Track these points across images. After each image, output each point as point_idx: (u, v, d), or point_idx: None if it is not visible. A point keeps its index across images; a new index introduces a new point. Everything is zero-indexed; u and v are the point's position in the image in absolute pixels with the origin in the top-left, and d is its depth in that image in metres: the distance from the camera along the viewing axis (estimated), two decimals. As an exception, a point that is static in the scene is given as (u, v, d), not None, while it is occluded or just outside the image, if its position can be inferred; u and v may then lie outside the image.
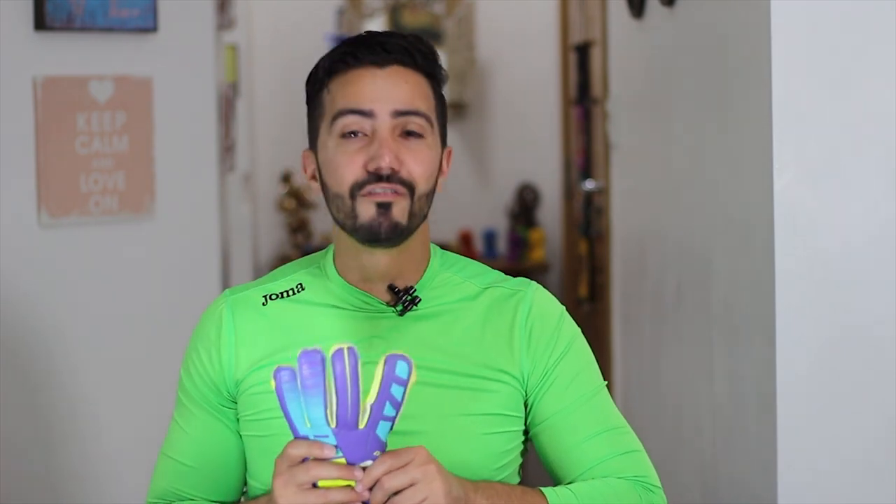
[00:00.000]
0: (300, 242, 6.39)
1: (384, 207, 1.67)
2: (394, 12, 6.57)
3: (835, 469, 2.22)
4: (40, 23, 2.88)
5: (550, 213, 6.47)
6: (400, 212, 1.68)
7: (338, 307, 1.74)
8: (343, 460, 1.55)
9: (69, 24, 2.92)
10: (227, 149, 4.59)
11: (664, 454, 2.97)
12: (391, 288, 1.74)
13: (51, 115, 2.93)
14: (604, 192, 4.49)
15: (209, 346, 1.77)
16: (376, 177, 1.66)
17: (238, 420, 1.77)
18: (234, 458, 1.79)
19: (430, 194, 1.72)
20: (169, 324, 3.11)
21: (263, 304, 1.77)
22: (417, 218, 1.70)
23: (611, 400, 1.81)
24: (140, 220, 3.09)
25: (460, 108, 6.51)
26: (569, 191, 6.08)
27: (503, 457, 1.75)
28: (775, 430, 2.21)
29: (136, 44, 3.06)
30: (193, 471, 1.78)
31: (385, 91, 1.68)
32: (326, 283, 1.76)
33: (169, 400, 1.90)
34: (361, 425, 1.55)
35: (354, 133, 1.68)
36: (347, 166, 1.67)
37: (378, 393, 1.56)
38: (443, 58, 7.25)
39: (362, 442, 1.55)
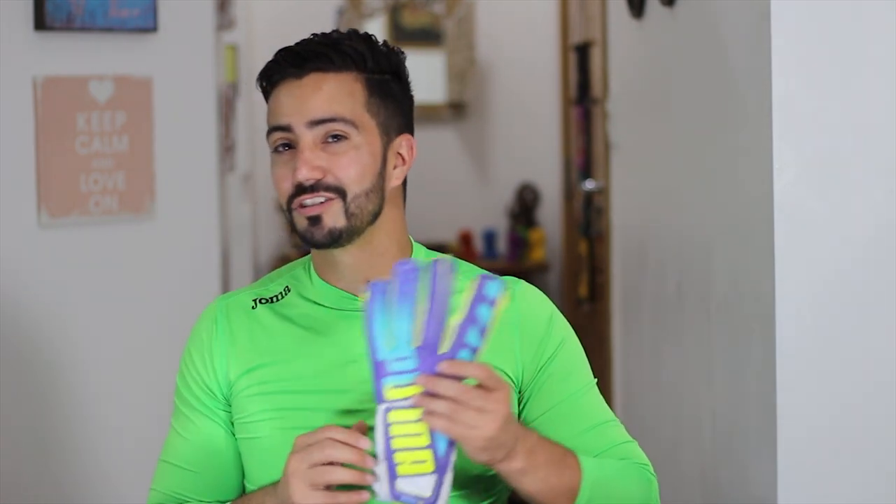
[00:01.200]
0: (300, 242, 6.38)
1: (313, 220, 1.71)
2: (394, 12, 6.57)
3: (835, 469, 2.22)
4: (40, 23, 2.88)
5: (550, 213, 6.47)
6: (332, 218, 1.70)
7: (323, 306, 1.76)
8: (419, 388, 1.53)
9: (69, 24, 2.91)
10: (227, 149, 4.59)
11: (664, 454, 2.97)
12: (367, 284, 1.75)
13: (51, 115, 2.93)
14: (604, 192, 4.49)
15: (202, 350, 1.79)
16: (302, 188, 1.70)
17: (232, 423, 1.78)
18: (232, 461, 1.80)
19: (372, 192, 1.72)
20: (169, 324, 3.10)
21: (253, 307, 1.80)
22: (359, 217, 1.71)
23: (600, 396, 1.82)
24: (140, 220, 3.09)
25: (460, 108, 6.51)
26: (569, 191, 6.08)
27: None
28: (775, 430, 2.21)
29: (136, 44, 3.06)
30: (195, 475, 1.80)
31: (300, 103, 1.71)
32: (309, 284, 1.79)
33: (169, 399, 1.90)
34: (444, 349, 1.55)
35: (285, 145, 1.73)
36: (281, 181, 1.73)
37: (466, 311, 1.56)
38: (443, 58, 7.19)
39: (437, 372, 1.54)
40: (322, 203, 1.70)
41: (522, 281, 1.82)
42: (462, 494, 1.73)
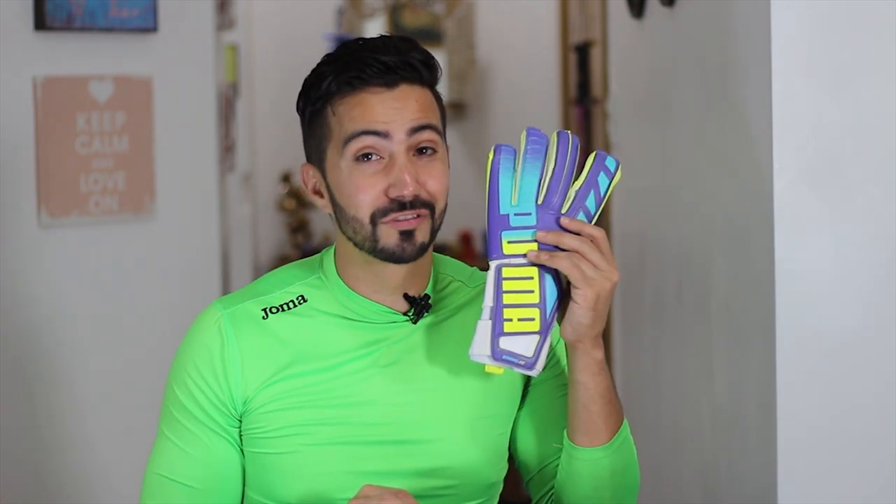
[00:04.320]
0: (300, 242, 6.39)
1: (408, 234, 1.65)
2: (394, 12, 6.57)
3: (835, 469, 2.22)
4: (40, 23, 2.88)
5: (550, 213, 6.47)
6: (423, 234, 1.66)
7: (347, 318, 1.72)
8: (535, 245, 1.60)
9: (69, 24, 2.92)
10: (227, 149, 4.59)
11: (664, 454, 2.97)
12: (407, 297, 1.72)
13: (51, 115, 2.93)
14: (604, 192, 4.48)
15: (212, 363, 1.71)
16: (399, 204, 1.64)
17: (241, 436, 1.73)
18: (239, 476, 1.74)
19: (447, 206, 1.71)
20: (169, 324, 3.10)
21: (264, 317, 1.71)
22: (436, 232, 1.70)
23: None
24: (140, 220, 3.09)
25: (460, 108, 6.51)
26: (569, 191, 6.06)
27: (505, 458, 1.77)
28: (775, 431, 2.21)
29: (136, 44, 3.06)
30: (201, 493, 1.72)
31: (396, 111, 1.65)
32: (332, 293, 1.73)
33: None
34: (564, 209, 1.61)
35: (369, 156, 1.65)
36: (366, 192, 1.64)
37: (586, 178, 1.62)
38: (443, 58, 7.21)
39: (558, 229, 1.61)
40: (416, 218, 1.65)
41: None
42: None
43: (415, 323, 1.72)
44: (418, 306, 1.72)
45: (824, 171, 2.20)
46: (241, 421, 1.72)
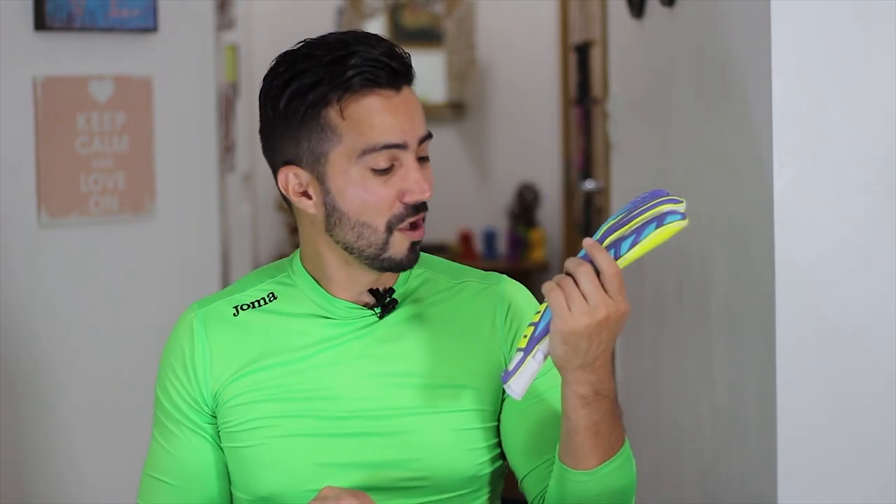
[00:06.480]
0: (300, 242, 6.39)
1: (415, 245, 1.68)
2: (394, 12, 6.57)
3: (835, 469, 2.22)
4: (40, 23, 2.88)
5: (550, 213, 6.48)
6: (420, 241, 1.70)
7: (315, 314, 1.74)
8: None
9: (69, 24, 2.92)
10: (227, 149, 4.59)
11: (664, 454, 2.97)
12: (372, 292, 1.73)
13: (51, 115, 2.93)
14: (604, 192, 4.49)
15: (184, 361, 1.76)
16: (414, 208, 1.66)
17: (218, 433, 1.76)
18: (218, 472, 1.77)
19: None
20: (169, 324, 3.09)
21: (234, 314, 1.76)
22: None
23: None
24: (140, 220, 3.09)
25: (460, 108, 6.51)
26: (569, 191, 6.09)
27: (484, 453, 1.75)
28: (775, 431, 2.21)
29: (136, 44, 3.06)
30: (182, 490, 1.77)
31: (409, 119, 1.65)
32: (299, 291, 1.75)
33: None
34: (596, 236, 1.62)
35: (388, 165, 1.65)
36: (383, 199, 1.65)
37: (638, 225, 1.62)
38: (443, 58, 7.21)
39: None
40: (421, 227, 1.68)
41: (504, 276, 1.83)
42: (446, 499, 1.73)
43: (380, 318, 1.73)
44: (383, 301, 1.73)
45: (824, 171, 2.20)
46: (215, 417, 1.75)
